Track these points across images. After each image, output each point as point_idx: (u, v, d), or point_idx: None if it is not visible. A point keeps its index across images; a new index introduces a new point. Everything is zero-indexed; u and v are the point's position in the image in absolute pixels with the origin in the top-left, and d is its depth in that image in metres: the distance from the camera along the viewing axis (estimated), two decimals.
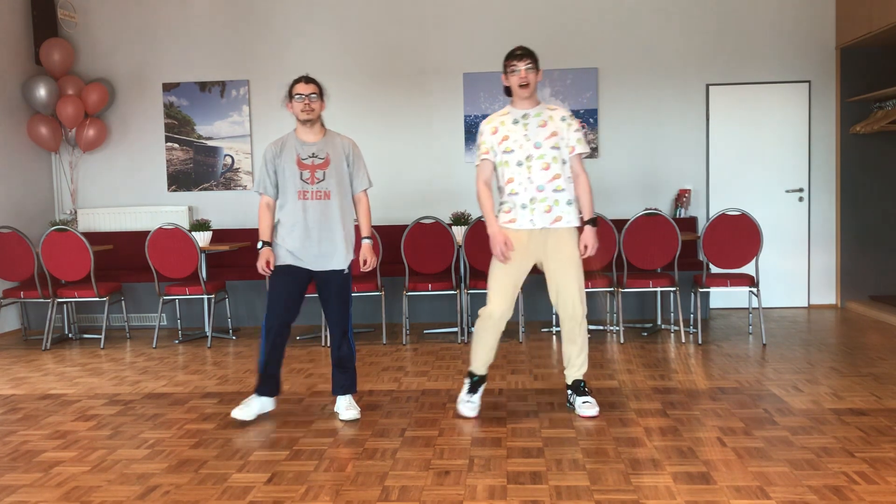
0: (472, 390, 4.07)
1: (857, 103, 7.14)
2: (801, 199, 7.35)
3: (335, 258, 4.00)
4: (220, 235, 7.27)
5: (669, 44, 7.33)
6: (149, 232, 6.21)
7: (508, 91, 4.03)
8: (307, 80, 3.97)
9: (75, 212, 7.61)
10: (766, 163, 7.33)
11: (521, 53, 3.92)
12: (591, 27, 7.35)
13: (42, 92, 7.17)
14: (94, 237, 7.26)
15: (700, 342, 5.79)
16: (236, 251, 7.09)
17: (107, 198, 7.73)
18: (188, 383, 4.92)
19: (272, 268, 3.98)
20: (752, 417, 3.88)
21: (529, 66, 3.91)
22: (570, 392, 4.11)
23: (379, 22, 7.47)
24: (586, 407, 3.97)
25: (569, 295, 3.97)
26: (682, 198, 7.27)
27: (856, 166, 7.20)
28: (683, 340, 5.88)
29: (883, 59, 7.08)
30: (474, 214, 6.92)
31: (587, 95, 7.36)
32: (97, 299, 6.24)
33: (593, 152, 7.38)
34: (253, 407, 4.04)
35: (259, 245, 4.03)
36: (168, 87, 7.61)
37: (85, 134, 7.42)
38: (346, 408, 4.06)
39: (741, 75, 7.30)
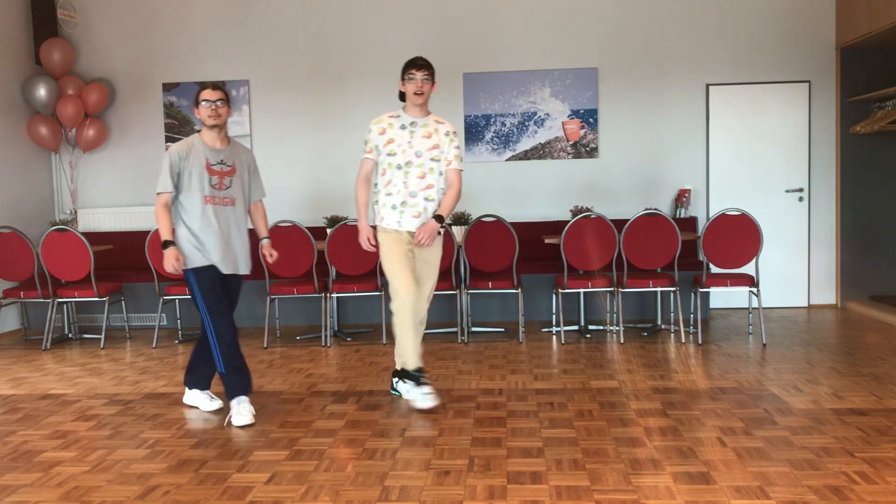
0: (421, 383, 4.21)
1: (857, 103, 7.14)
2: (801, 199, 7.35)
3: (241, 263, 4.18)
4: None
5: (669, 44, 7.33)
6: (149, 232, 6.21)
7: (402, 96, 4.27)
8: (214, 86, 4.08)
9: (75, 212, 7.61)
10: (766, 163, 7.33)
11: (422, 64, 4.16)
12: (591, 27, 7.35)
13: (42, 92, 7.17)
14: (94, 237, 7.26)
15: (700, 342, 5.79)
16: None
17: (107, 198, 7.73)
18: None
19: (185, 265, 4.01)
20: (752, 417, 3.88)
21: (426, 76, 4.16)
22: (395, 380, 4.39)
23: (379, 22, 7.47)
24: (415, 394, 4.18)
25: (425, 292, 4.27)
26: (682, 198, 7.27)
27: (856, 166, 7.20)
28: (683, 340, 5.88)
29: (883, 59, 7.08)
30: (474, 214, 6.92)
31: (587, 95, 7.36)
32: (97, 299, 6.24)
33: (593, 152, 7.38)
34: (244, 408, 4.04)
35: (164, 245, 4.00)
36: (168, 87, 7.62)
37: (85, 134, 7.42)
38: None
39: (741, 75, 7.30)
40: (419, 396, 4.15)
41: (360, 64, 7.47)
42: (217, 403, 4.29)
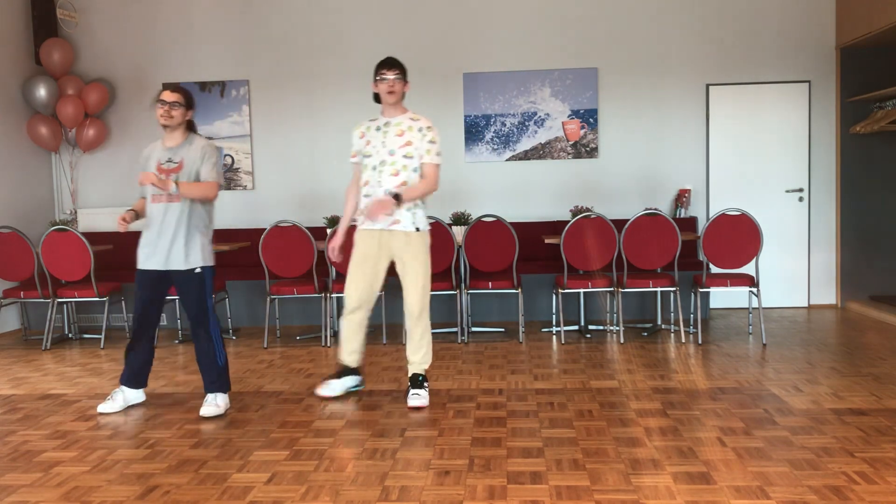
0: (339, 375, 4.48)
1: (857, 103, 7.14)
2: (801, 199, 7.35)
3: (179, 258, 4.15)
4: (219, 235, 7.26)
5: (669, 44, 7.33)
6: None
7: (377, 98, 4.35)
8: (173, 89, 4.17)
9: (75, 212, 7.61)
10: (766, 163, 7.33)
11: (392, 63, 4.25)
12: (591, 27, 7.35)
13: (42, 92, 7.17)
14: (94, 237, 7.26)
15: (700, 342, 5.79)
16: (236, 251, 7.08)
17: (107, 198, 7.73)
18: (188, 383, 4.92)
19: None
20: (752, 417, 3.88)
21: (398, 75, 4.25)
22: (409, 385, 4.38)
23: (378, 22, 7.47)
24: (413, 398, 4.24)
25: (408, 294, 4.30)
26: (682, 198, 7.27)
27: (856, 166, 7.20)
28: (683, 340, 5.88)
29: (883, 59, 7.08)
30: (475, 214, 6.92)
31: (587, 95, 7.36)
32: (97, 299, 6.24)
33: (593, 152, 7.39)
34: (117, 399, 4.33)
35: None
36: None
37: (85, 134, 7.42)
38: (206, 403, 4.21)
39: (741, 75, 7.30)
40: (325, 388, 4.46)
41: (359, 64, 7.46)
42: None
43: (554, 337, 6.17)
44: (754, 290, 5.81)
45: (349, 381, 4.51)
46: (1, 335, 6.94)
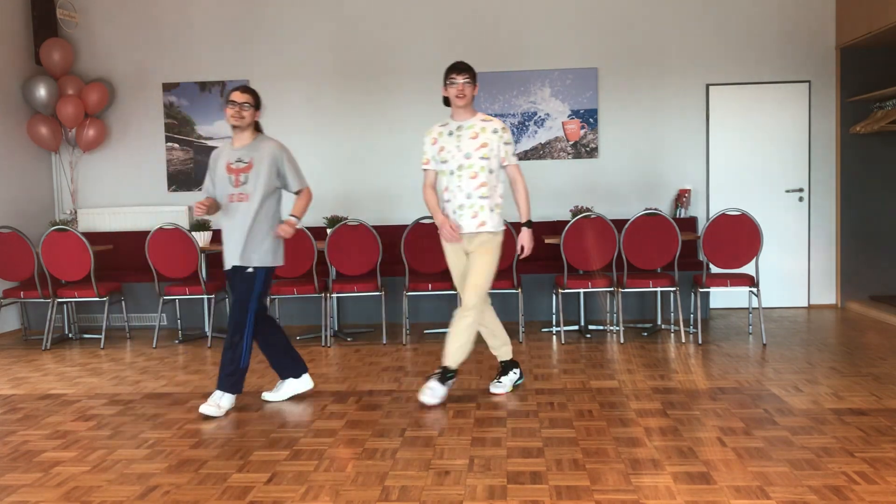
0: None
1: (857, 103, 7.14)
2: (801, 199, 7.35)
3: (253, 256, 4.20)
4: (220, 235, 7.26)
5: (669, 44, 7.33)
6: (149, 232, 6.21)
7: (447, 101, 4.36)
8: (243, 90, 4.21)
9: (75, 212, 7.61)
10: (766, 163, 7.32)
11: (462, 68, 4.27)
12: (591, 27, 7.35)
13: (42, 92, 7.17)
14: (94, 237, 7.26)
15: (700, 342, 5.79)
16: None
17: (107, 198, 7.73)
18: (188, 383, 4.92)
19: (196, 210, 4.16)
20: (752, 417, 3.88)
21: (467, 80, 4.25)
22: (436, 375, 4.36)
23: (378, 22, 7.47)
24: (426, 392, 4.25)
25: (469, 285, 4.33)
26: (682, 198, 7.27)
27: (856, 166, 7.20)
28: (683, 340, 5.88)
29: (883, 59, 7.08)
30: None
31: (587, 95, 7.36)
32: (97, 299, 6.24)
33: (593, 152, 7.38)
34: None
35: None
36: (168, 87, 7.62)
37: (85, 134, 7.42)
38: (209, 401, 4.20)
39: (741, 75, 7.30)
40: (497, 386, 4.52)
41: (359, 64, 7.47)
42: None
43: (554, 337, 6.17)
44: (754, 290, 5.81)
45: (513, 376, 4.57)
46: (1, 335, 6.94)
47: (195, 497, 3.04)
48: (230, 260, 4.23)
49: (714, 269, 6.38)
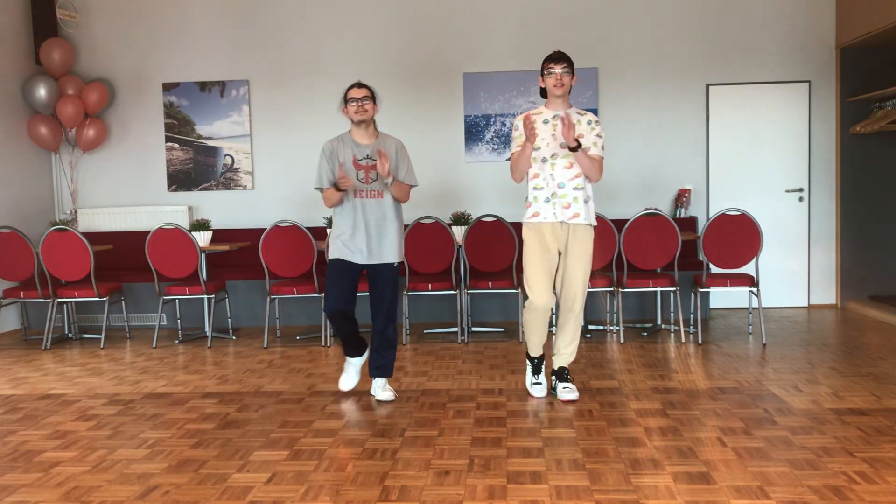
0: (536, 371, 4.43)
1: (857, 103, 7.14)
2: (801, 199, 7.35)
3: (388, 252, 4.27)
4: (220, 235, 7.26)
5: (669, 44, 7.33)
6: (149, 232, 6.21)
7: (543, 92, 4.30)
8: (360, 84, 4.25)
9: (75, 212, 7.61)
10: (766, 163, 7.32)
11: (559, 58, 4.18)
12: (591, 27, 7.35)
13: (42, 92, 7.17)
14: (94, 237, 7.26)
15: (700, 342, 5.79)
16: (236, 251, 7.08)
17: (107, 198, 7.73)
18: (188, 383, 4.92)
19: (340, 180, 4.09)
20: (752, 417, 3.88)
21: (565, 69, 4.17)
22: (553, 377, 4.41)
23: (378, 22, 7.47)
24: (566, 392, 4.27)
25: (572, 288, 4.26)
26: (682, 198, 7.27)
27: (856, 166, 7.20)
28: (683, 340, 5.88)
29: (883, 59, 7.07)
30: (475, 214, 6.91)
31: (587, 95, 7.36)
32: (97, 299, 6.24)
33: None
34: (350, 372, 4.52)
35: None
36: (168, 87, 7.62)
37: (85, 134, 7.42)
38: (381, 388, 4.39)
39: (741, 75, 7.29)
40: (528, 383, 4.46)
41: (359, 64, 7.46)
42: (390, 393, 4.42)
43: (554, 337, 6.15)
44: (754, 290, 5.81)
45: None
46: (1, 335, 6.94)
47: (195, 497, 3.04)
48: (362, 257, 4.24)
49: (714, 269, 6.37)
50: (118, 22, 7.63)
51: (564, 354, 4.38)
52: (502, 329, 6.52)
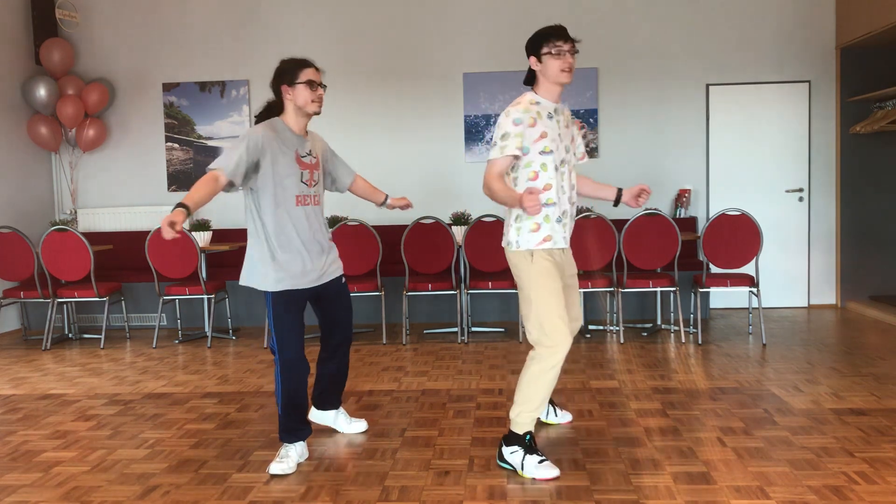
0: (534, 448, 3.24)
1: (857, 103, 7.14)
2: (801, 199, 7.35)
3: (336, 264, 3.55)
4: (219, 235, 7.27)
5: (669, 44, 7.33)
6: (149, 232, 6.21)
7: (531, 79, 3.28)
8: (317, 67, 3.50)
9: (75, 212, 7.61)
10: (766, 163, 7.32)
11: (566, 34, 3.22)
12: (591, 27, 7.35)
13: (42, 92, 7.17)
14: (94, 237, 7.26)
15: (700, 342, 5.79)
16: (236, 251, 7.08)
17: (107, 198, 7.73)
18: (188, 383, 4.92)
19: (178, 231, 2.93)
20: (752, 417, 3.88)
21: (574, 49, 3.25)
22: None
23: (379, 22, 7.47)
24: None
25: (575, 312, 3.46)
26: (682, 198, 7.27)
27: (856, 166, 7.20)
28: (683, 340, 5.88)
29: (883, 59, 7.07)
30: (474, 214, 6.91)
31: (587, 95, 7.36)
32: (97, 299, 6.24)
33: (593, 152, 7.38)
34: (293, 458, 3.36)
35: (179, 207, 3.00)
36: (168, 87, 7.61)
37: (85, 134, 7.42)
38: (348, 419, 3.82)
39: (741, 75, 7.29)
40: (535, 468, 3.16)
41: (359, 63, 7.47)
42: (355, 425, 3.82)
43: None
44: (754, 290, 5.81)
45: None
46: (1, 335, 6.94)
47: (195, 497, 3.04)
48: (314, 277, 3.39)
49: (714, 269, 6.38)
50: (118, 22, 7.63)
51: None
52: (502, 329, 6.52)
